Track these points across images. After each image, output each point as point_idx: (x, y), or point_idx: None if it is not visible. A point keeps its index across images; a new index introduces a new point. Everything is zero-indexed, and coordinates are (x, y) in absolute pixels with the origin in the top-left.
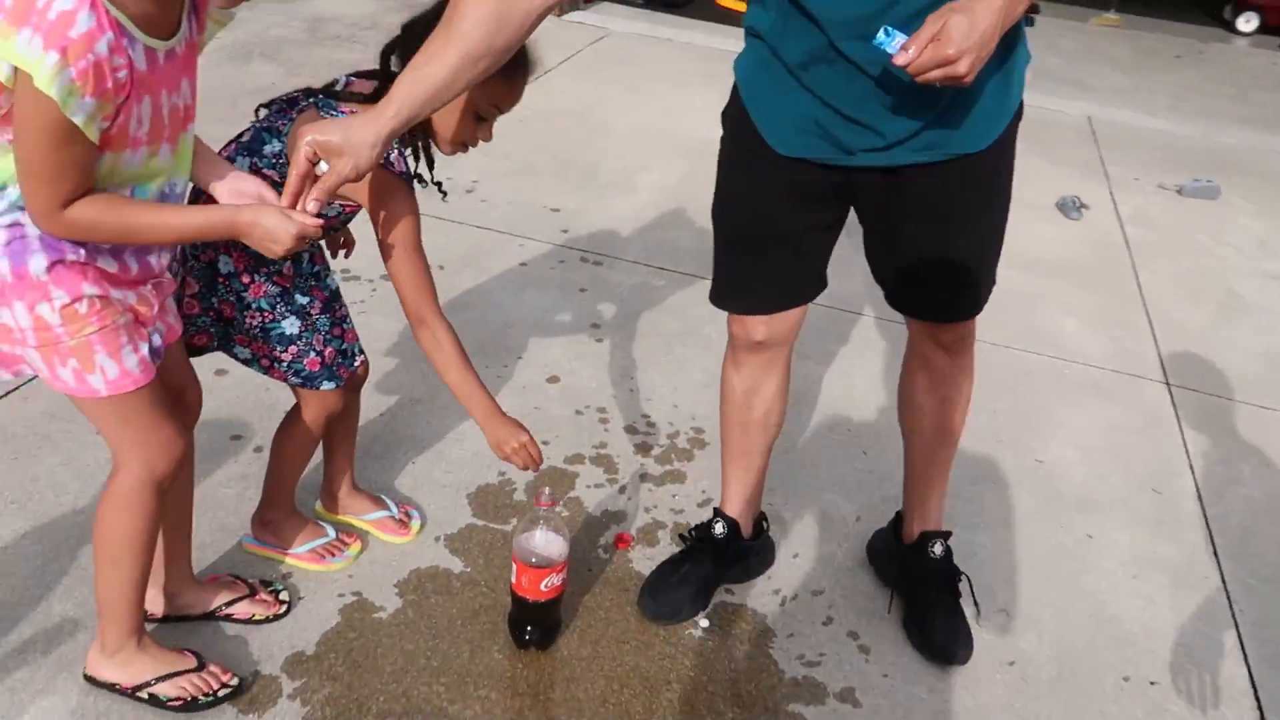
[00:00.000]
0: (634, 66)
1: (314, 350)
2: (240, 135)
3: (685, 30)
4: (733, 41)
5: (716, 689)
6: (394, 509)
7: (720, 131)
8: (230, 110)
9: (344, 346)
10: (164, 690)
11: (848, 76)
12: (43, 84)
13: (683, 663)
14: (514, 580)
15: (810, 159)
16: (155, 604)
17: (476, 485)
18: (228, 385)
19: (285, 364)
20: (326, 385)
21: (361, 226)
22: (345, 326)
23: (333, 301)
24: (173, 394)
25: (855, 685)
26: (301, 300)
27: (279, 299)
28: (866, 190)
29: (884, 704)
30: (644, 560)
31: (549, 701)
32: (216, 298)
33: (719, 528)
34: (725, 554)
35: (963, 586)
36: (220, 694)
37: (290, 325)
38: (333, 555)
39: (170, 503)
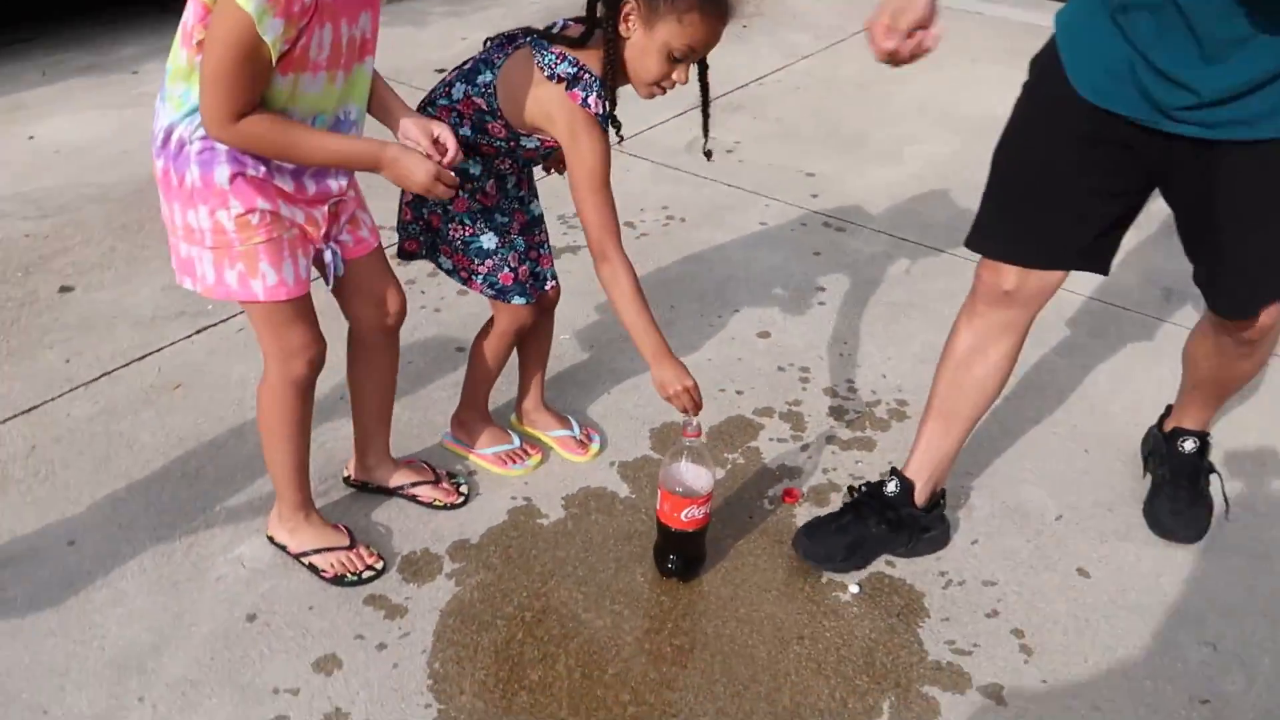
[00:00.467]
0: None
1: (508, 266)
2: (463, 64)
3: (995, 4)
4: (1043, 15)
5: (849, 653)
6: (577, 430)
7: (1008, 105)
8: None
9: (538, 269)
10: (319, 562)
11: (1169, 25)
12: (242, 1)
13: (821, 622)
14: (659, 507)
15: (1115, 112)
16: (356, 470)
17: (660, 421)
18: (465, 303)
19: (481, 276)
20: (517, 300)
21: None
22: (542, 251)
23: (532, 226)
24: (374, 299)
25: (1005, 684)
26: (501, 219)
27: (480, 215)
28: (1174, 163)
29: (1033, 709)
30: (808, 518)
31: (676, 629)
32: (426, 208)
33: (891, 486)
34: (893, 516)
35: (1214, 480)
36: (364, 575)
37: (488, 240)
38: (514, 461)
39: (365, 394)
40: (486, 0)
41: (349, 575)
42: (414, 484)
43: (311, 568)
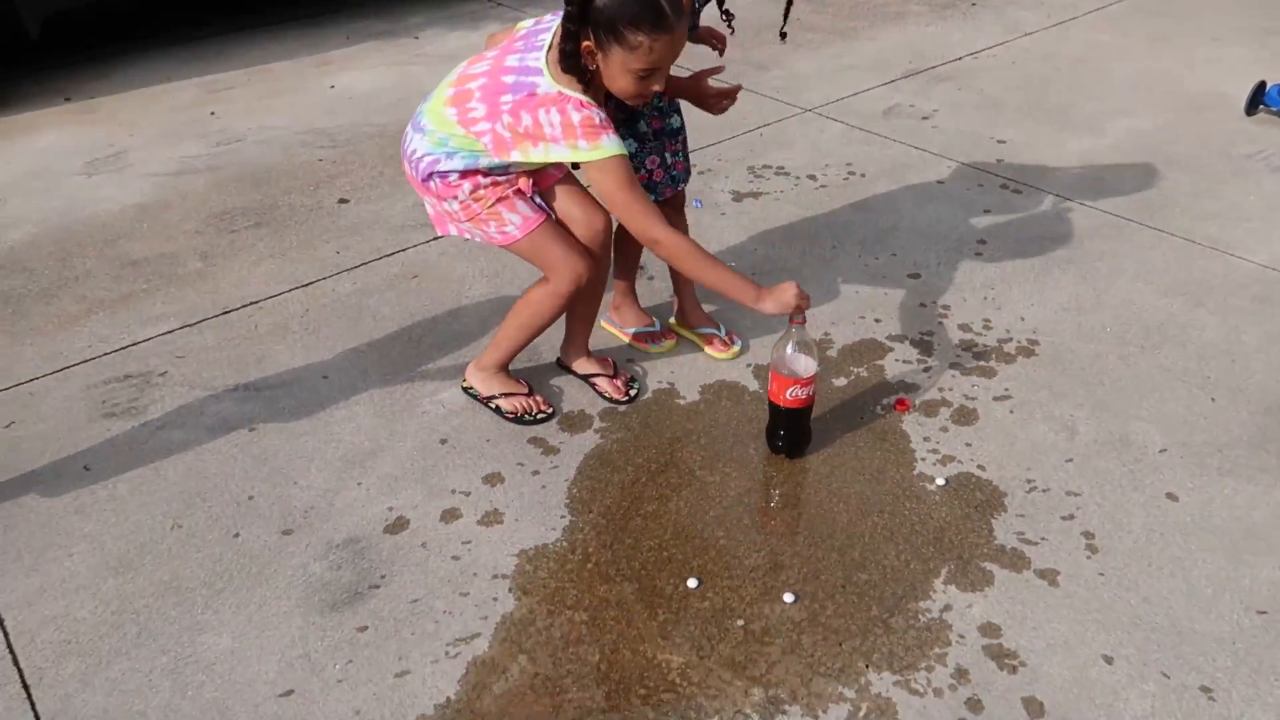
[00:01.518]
0: (1173, 19)
1: (644, 167)
2: None
3: None
4: None
5: (921, 528)
6: (722, 331)
7: None
8: (753, 36)
9: (673, 173)
10: (504, 404)
11: None
12: (611, 151)
13: (903, 503)
14: (769, 388)
15: None
16: (561, 354)
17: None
18: None
19: None
20: (651, 197)
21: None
22: (678, 158)
23: (669, 135)
24: (570, 218)
25: (1062, 570)
26: (643, 127)
27: (623, 124)
28: None
29: (1081, 593)
30: (914, 424)
31: (772, 493)
32: None
33: None
34: None
35: None
36: (539, 417)
37: (631, 145)
38: (653, 341)
39: (581, 299)
40: None
41: (526, 415)
42: (596, 374)
43: (497, 409)
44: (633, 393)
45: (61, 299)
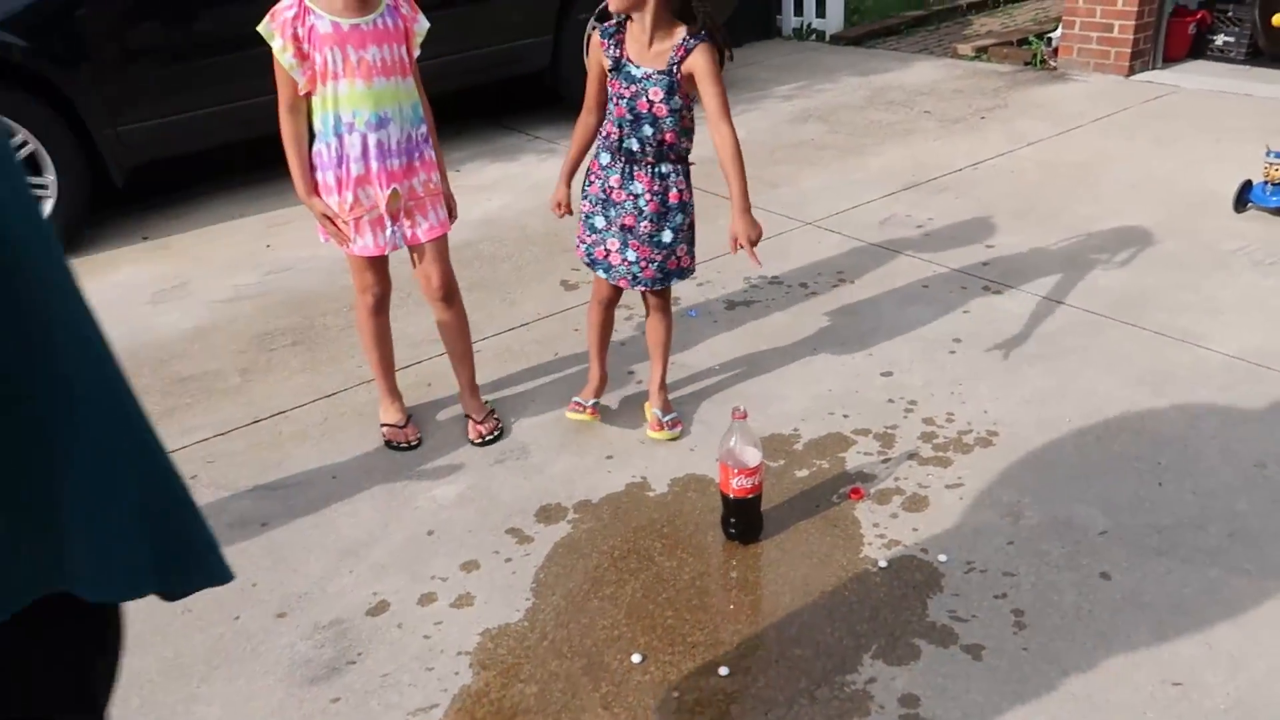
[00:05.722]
0: (1178, 121)
1: (603, 245)
2: None
3: (1271, 85)
4: None
5: (859, 608)
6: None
7: None
8: (767, 156)
9: (634, 271)
10: (384, 432)
11: None
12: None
13: (846, 584)
14: (718, 479)
15: None
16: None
17: (771, 432)
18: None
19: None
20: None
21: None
22: (644, 263)
23: (645, 240)
24: (422, 274)
25: (989, 646)
26: (613, 213)
27: (600, 204)
28: None
29: (1004, 667)
30: (867, 511)
31: (726, 576)
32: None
33: None
34: None
35: None
36: (402, 446)
37: (597, 221)
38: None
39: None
40: (744, 105)
41: (393, 443)
42: (468, 415)
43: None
44: (489, 437)
45: None
